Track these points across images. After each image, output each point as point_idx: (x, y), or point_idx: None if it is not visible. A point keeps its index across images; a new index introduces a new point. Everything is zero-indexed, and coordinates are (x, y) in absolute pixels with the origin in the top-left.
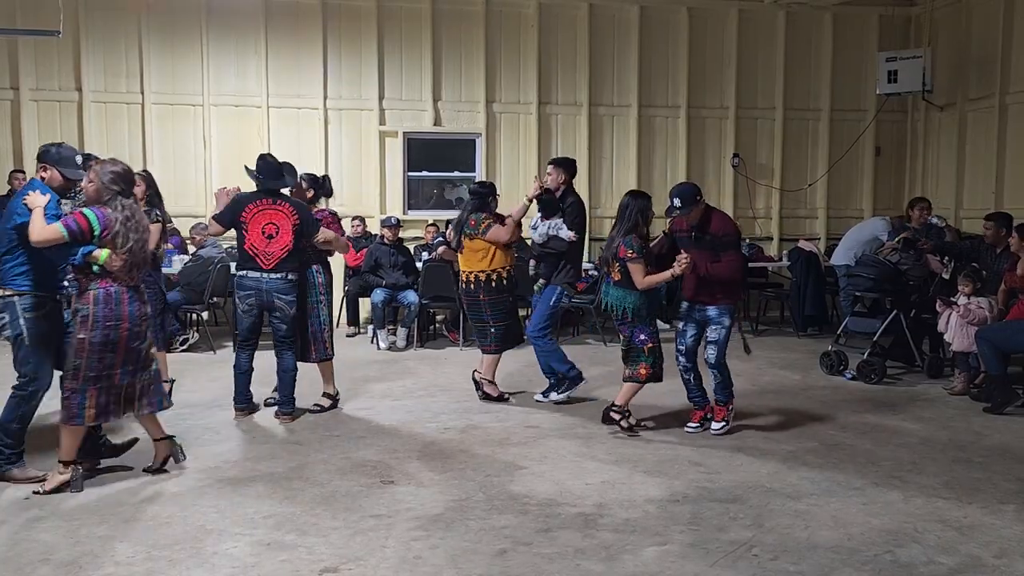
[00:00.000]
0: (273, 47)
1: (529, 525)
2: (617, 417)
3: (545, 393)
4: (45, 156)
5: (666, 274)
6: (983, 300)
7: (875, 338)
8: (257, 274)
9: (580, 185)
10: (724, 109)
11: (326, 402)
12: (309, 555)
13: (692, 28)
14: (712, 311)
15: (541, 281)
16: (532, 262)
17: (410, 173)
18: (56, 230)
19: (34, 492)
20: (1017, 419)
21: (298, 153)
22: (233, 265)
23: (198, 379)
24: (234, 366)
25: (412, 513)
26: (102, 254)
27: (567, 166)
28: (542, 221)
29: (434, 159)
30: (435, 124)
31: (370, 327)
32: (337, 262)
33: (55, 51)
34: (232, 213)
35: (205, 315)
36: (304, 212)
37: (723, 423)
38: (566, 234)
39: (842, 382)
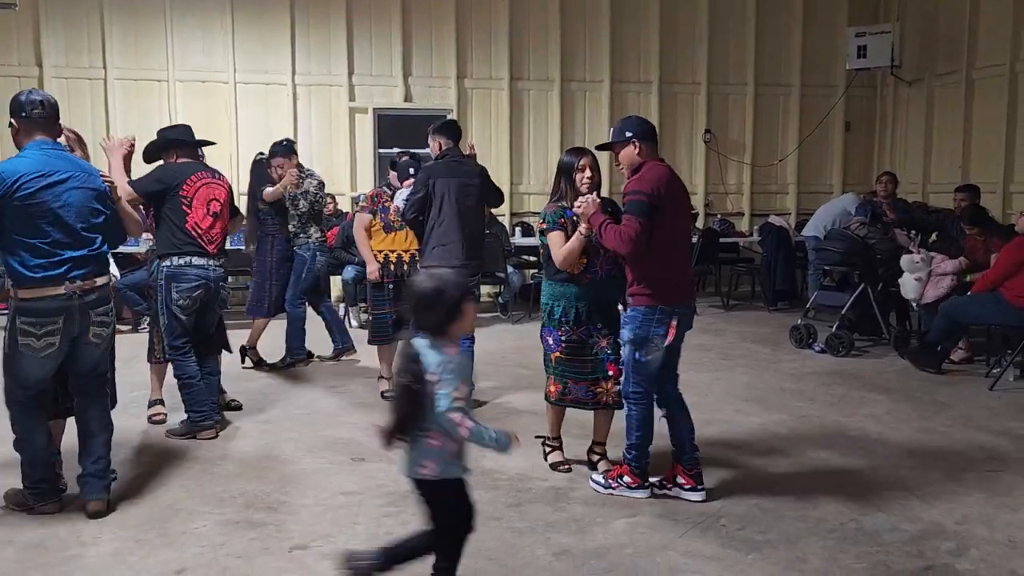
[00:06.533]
0: (240, 21)
1: (500, 500)
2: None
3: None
4: None
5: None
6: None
7: (843, 311)
8: (203, 261)
9: (552, 160)
10: (696, 84)
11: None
12: (278, 533)
13: (663, 3)
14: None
15: None
16: None
17: (381, 150)
18: None
19: None
20: (978, 390)
21: (267, 130)
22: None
23: None
24: (187, 377)
25: (383, 490)
26: None
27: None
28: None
29: (405, 136)
30: (406, 100)
31: (342, 305)
32: None
33: (13, 24)
34: (168, 182)
35: None
36: (227, 183)
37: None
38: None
39: (811, 355)
